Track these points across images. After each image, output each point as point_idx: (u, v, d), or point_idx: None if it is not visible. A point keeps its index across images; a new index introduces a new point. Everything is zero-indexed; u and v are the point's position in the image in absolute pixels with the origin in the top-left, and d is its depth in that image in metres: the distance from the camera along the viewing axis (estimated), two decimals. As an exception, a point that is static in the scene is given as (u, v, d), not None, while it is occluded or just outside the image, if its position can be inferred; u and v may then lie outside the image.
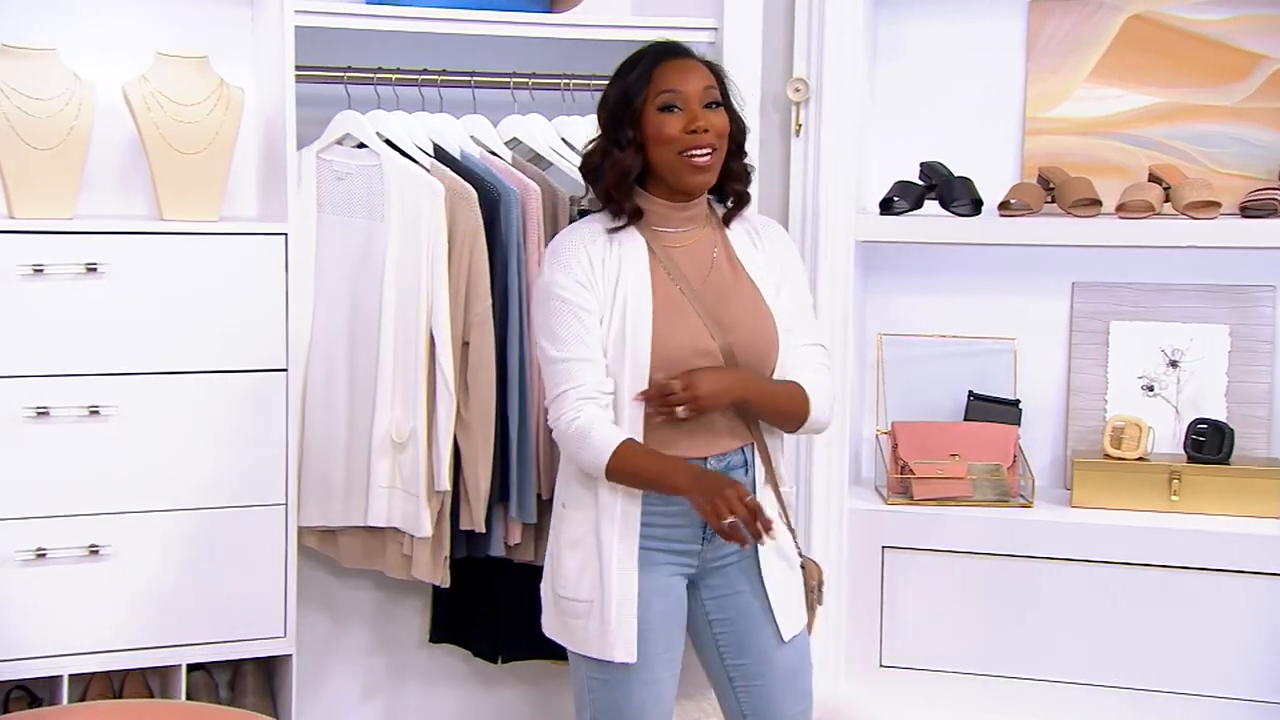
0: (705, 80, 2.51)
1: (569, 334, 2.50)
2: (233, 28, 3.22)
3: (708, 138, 2.47)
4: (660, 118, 2.48)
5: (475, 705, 3.73)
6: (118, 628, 2.94)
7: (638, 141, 2.50)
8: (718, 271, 2.57)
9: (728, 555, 2.58)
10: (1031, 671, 3.42)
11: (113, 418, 2.89)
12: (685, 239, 2.57)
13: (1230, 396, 3.57)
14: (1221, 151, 3.57)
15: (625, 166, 2.51)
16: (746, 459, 2.57)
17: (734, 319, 2.53)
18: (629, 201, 2.54)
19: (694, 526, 2.53)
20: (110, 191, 3.16)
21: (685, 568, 2.59)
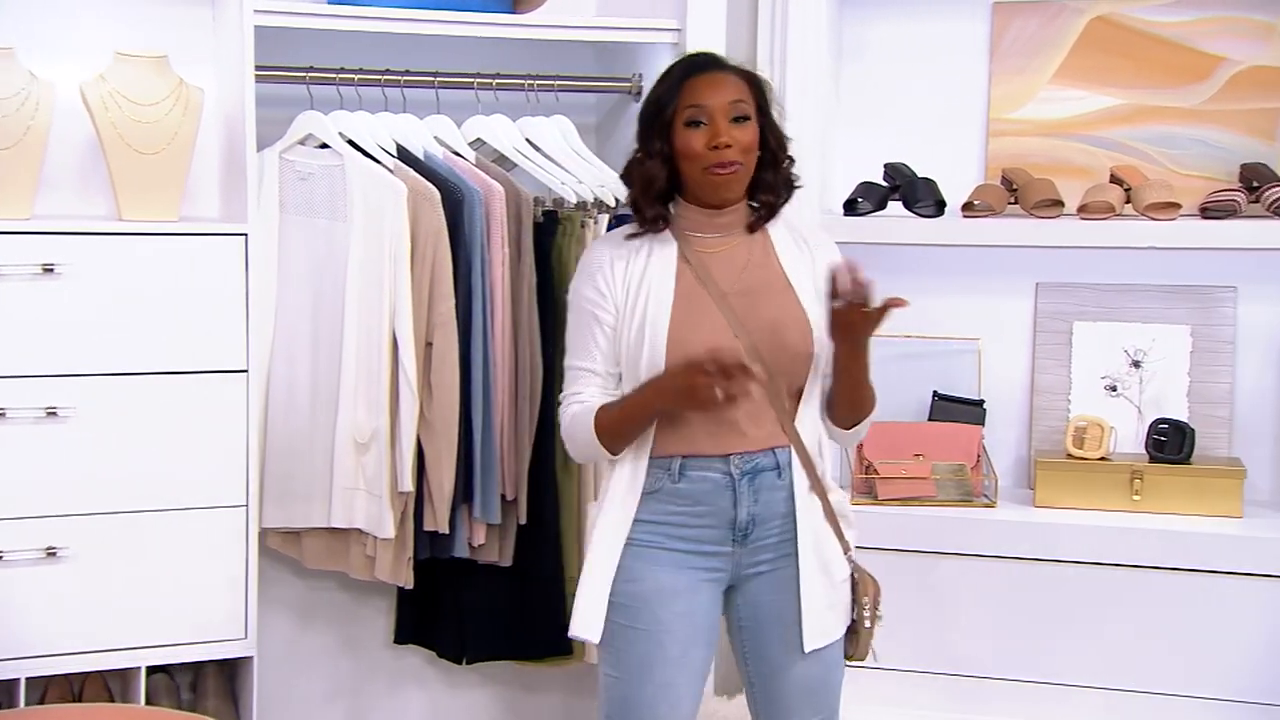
0: (734, 94, 2.48)
1: (578, 343, 2.55)
2: (194, 28, 3.18)
3: (730, 154, 2.45)
4: (686, 133, 2.46)
5: (442, 706, 3.71)
6: (76, 630, 2.90)
7: (665, 153, 2.49)
8: (751, 273, 2.53)
9: (762, 561, 2.53)
10: (994, 671, 3.40)
11: (71, 419, 2.84)
12: (720, 244, 2.54)
13: (1192, 396, 3.56)
14: (1182, 153, 3.55)
15: (651, 176, 2.50)
16: (779, 462, 2.51)
17: (762, 319, 2.48)
18: (652, 210, 2.52)
19: (723, 528, 2.49)
20: (70, 191, 3.12)
21: (717, 572, 2.53)
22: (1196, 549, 3.28)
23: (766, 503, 2.50)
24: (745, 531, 2.51)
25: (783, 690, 2.57)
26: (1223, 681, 3.27)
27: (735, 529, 2.50)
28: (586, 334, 2.53)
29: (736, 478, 2.48)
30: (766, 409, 2.49)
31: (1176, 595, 3.29)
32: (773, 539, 2.52)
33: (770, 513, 2.51)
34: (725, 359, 2.29)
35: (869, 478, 3.48)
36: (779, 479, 2.50)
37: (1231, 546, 3.26)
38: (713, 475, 2.48)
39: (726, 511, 2.49)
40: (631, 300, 2.49)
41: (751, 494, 2.49)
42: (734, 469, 2.48)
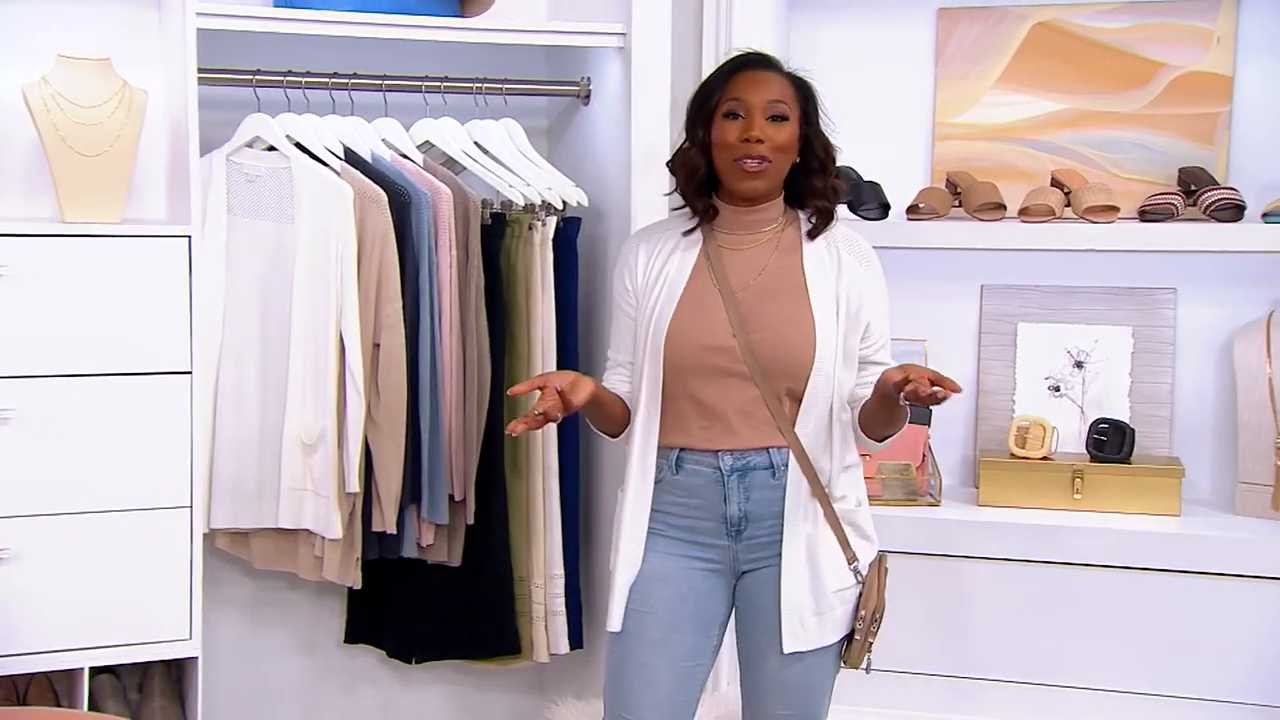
0: (776, 94, 2.48)
1: (614, 335, 2.64)
2: (141, 30, 3.12)
3: (760, 148, 2.44)
4: (723, 124, 2.47)
5: (395, 705, 3.66)
6: (19, 631, 2.83)
7: (705, 143, 2.50)
8: (767, 277, 2.51)
9: (756, 559, 2.52)
10: (935, 668, 3.38)
11: (13, 420, 2.78)
12: (744, 243, 2.53)
13: (1133, 396, 3.55)
14: (1123, 157, 3.55)
15: (693, 165, 2.51)
16: (773, 462, 2.48)
17: (766, 322, 2.47)
18: (701, 201, 2.53)
19: (716, 520, 2.50)
20: (17, 194, 3.07)
21: (715, 563, 2.54)
22: (1135, 547, 3.27)
23: (759, 501, 2.49)
24: (738, 527, 2.50)
25: (761, 684, 2.57)
26: (1160, 677, 3.27)
27: (728, 523, 2.50)
28: (617, 327, 2.62)
29: (725, 473, 2.47)
30: (760, 408, 2.47)
31: (1116, 592, 3.28)
32: (765, 537, 2.50)
33: (765, 511, 2.49)
34: (547, 389, 2.38)
35: (815, 477, 3.44)
36: (773, 479, 2.48)
37: (1169, 544, 3.26)
38: (704, 469, 2.49)
39: (717, 506, 2.49)
40: (647, 292, 2.53)
41: (742, 491, 2.48)
42: (723, 465, 2.47)
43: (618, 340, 2.63)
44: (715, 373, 2.47)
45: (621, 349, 2.62)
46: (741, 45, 3.17)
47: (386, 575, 3.24)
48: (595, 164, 3.34)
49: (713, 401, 2.47)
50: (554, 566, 3.27)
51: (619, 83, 3.20)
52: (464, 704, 3.69)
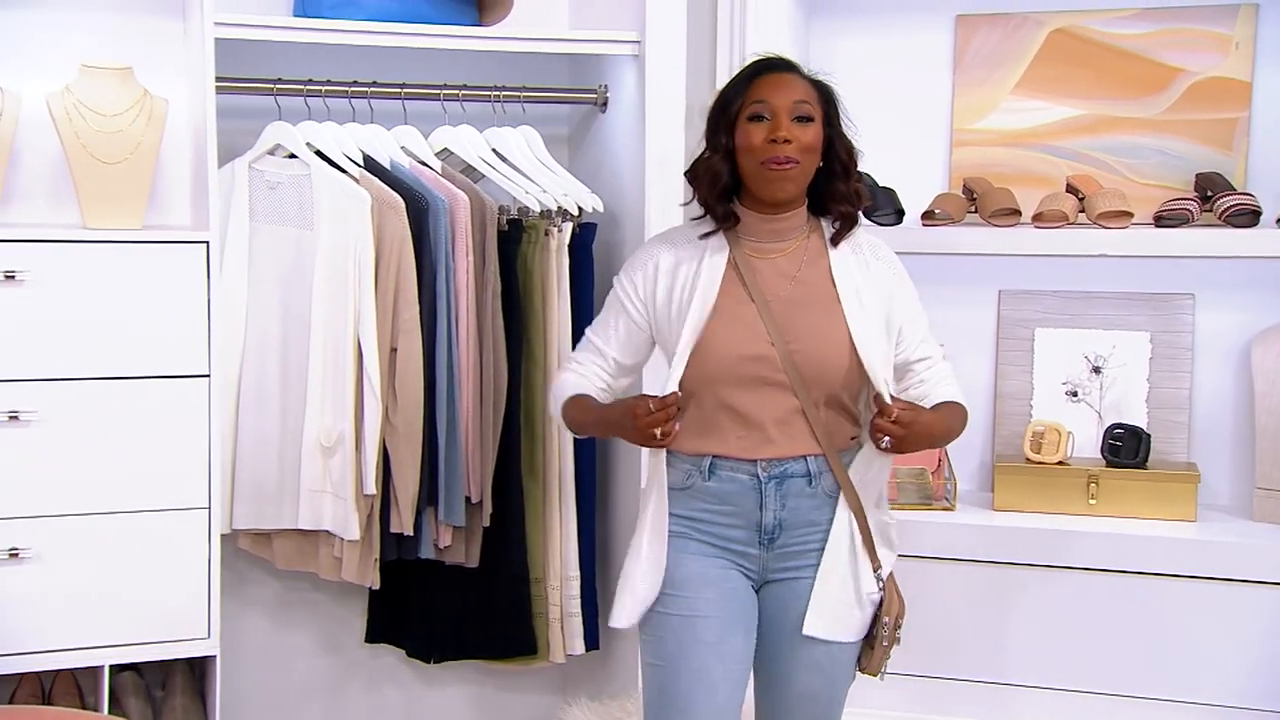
0: (799, 94, 2.40)
1: (601, 322, 2.56)
2: (166, 40, 3.12)
3: (789, 149, 2.36)
4: (748, 127, 2.39)
5: (417, 705, 3.65)
6: (40, 630, 2.84)
7: (729, 149, 2.42)
8: (799, 285, 2.44)
9: (788, 568, 2.45)
10: (951, 671, 3.32)
11: (34, 423, 2.79)
12: (773, 250, 2.46)
13: (1151, 402, 3.48)
14: (1141, 162, 3.48)
15: (716, 172, 2.43)
16: (810, 470, 2.42)
17: (802, 330, 2.40)
18: (722, 207, 2.45)
19: (749, 529, 2.43)
20: (42, 201, 3.07)
21: (746, 569, 2.47)
22: (1150, 552, 3.20)
23: (795, 509, 2.42)
24: (772, 535, 2.43)
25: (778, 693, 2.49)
26: (1175, 682, 3.20)
27: (761, 531, 2.43)
28: (610, 318, 2.54)
29: (763, 480, 2.40)
30: (797, 417, 2.41)
31: (1131, 598, 3.21)
32: (798, 545, 2.44)
33: (799, 519, 2.43)
34: (662, 400, 2.33)
35: (831, 481, 3.40)
36: (809, 486, 2.42)
37: (1185, 550, 3.19)
38: (740, 477, 2.41)
39: (752, 513, 2.42)
40: (675, 301, 2.44)
41: (779, 498, 2.41)
42: (761, 473, 2.40)
43: (606, 331, 2.54)
44: (754, 382, 2.40)
45: (610, 341, 2.54)
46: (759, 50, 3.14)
47: (406, 576, 3.23)
48: (612, 170, 3.31)
49: (750, 410, 2.40)
50: (570, 568, 3.25)
51: (634, 90, 3.17)
52: (486, 704, 3.67)
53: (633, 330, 2.52)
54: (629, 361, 2.55)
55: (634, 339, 2.52)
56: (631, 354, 2.54)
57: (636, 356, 2.55)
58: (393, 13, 3.04)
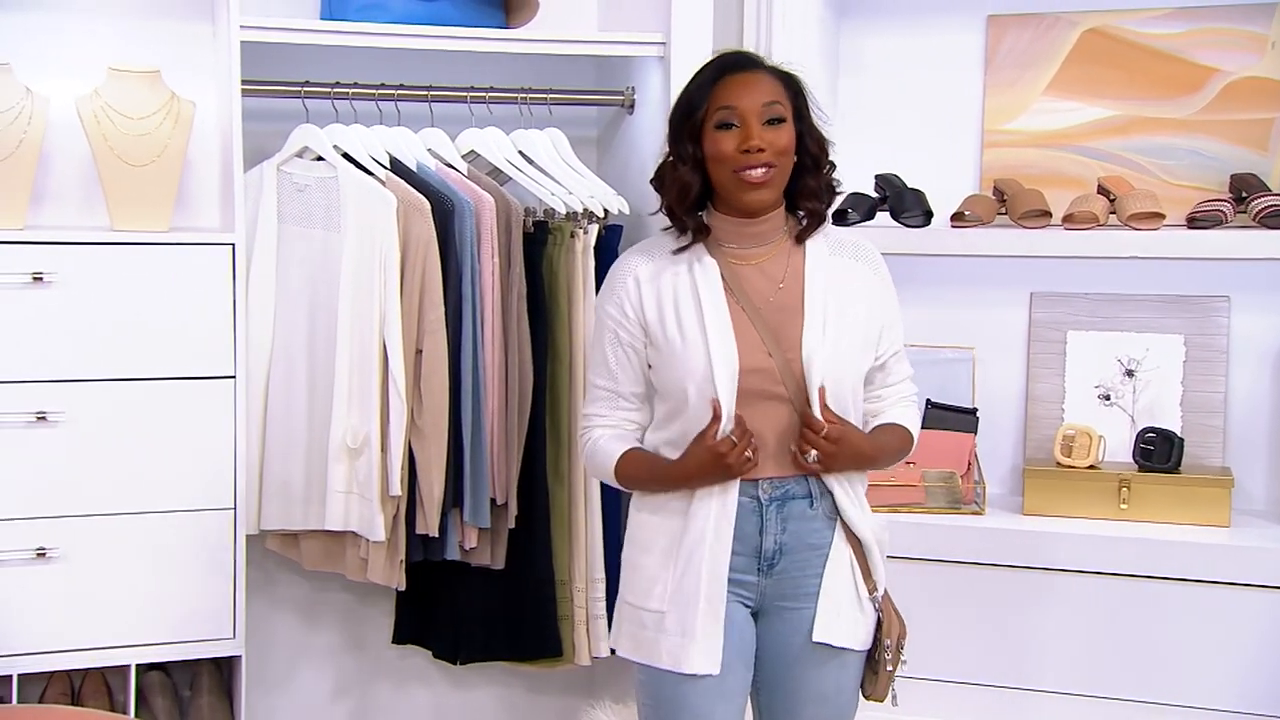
0: (768, 95, 2.27)
1: (597, 360, 2.41)
2: (195, 43, 3.13)
3: (763, 157, 2.24)
4: (716, 135, 2.26)
5: (445, 705, 3.64)
6: (66, 629, 2.86)
7: (697, 157, 2.29)
8: (787, 290, 2.33)
9: (787, 596, 2.34)
10: (979, 677, 3.27)
11: (61, 423, 2.80)
12: (755, 256, 2.34)
13: (1185, 406, 3.41)
14: (1175, 164, 3.41)
15: (685, 183, 2.30)
16: (811, 490, 2.32)
17: (796, 337, 2.29)
18: (691, 219, 2.33)
19: (749, 555, 2.31)
20: (72, 203, 3.09)
21: (744, 598, 2.34)
22: (1183, 558, 3.13)
23: (795, 533, 2.32)
24: (772, 561, 2.32)
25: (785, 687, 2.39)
26: (1208, 691, 3.13)
27: (761, 557, 2.32)
28: (608, 354, 2.38)
29: (765, 503, 2.30)
30: (798, 432, 2.29)
31: (1162, 604, 3.14)
32: (797, 572, 2.34)
33: (799, 543, 2.33)
34: (736, 431, 2.23)
35: (859, 485, 3.36)
36: (811, 508, 2.32)
37: (1218, 556, 3.11)
38: (741, 499, 2.29)
39: (751, 538, 2.30)
40: (665, 319, 2.31)
41: (779, 522, 2.31)
42: (762, 494, 2.30)
43: (606, 366, 2.39)
44: (754, 395, 2.28)
45: (616, 376, 2.38)
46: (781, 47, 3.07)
47: (432, 578, 3.21)
48: (639, 172, 3.27)
49: (753, 427, 2.27)
50: (595, 570, 3.22)
51: (660, 91, 3.14)
52: (514, 705, 3.66)
53: (633, 357, 2.38)
54: (645, 390, 2.41)
55: (638, 365, 2.38)
56: (645, 382, 2.40)
57: (646, 382, 2.42)
58: (418, 16, 3.03)
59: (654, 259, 2.38)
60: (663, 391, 2.36)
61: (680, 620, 2.31)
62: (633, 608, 2.39)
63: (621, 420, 2.41)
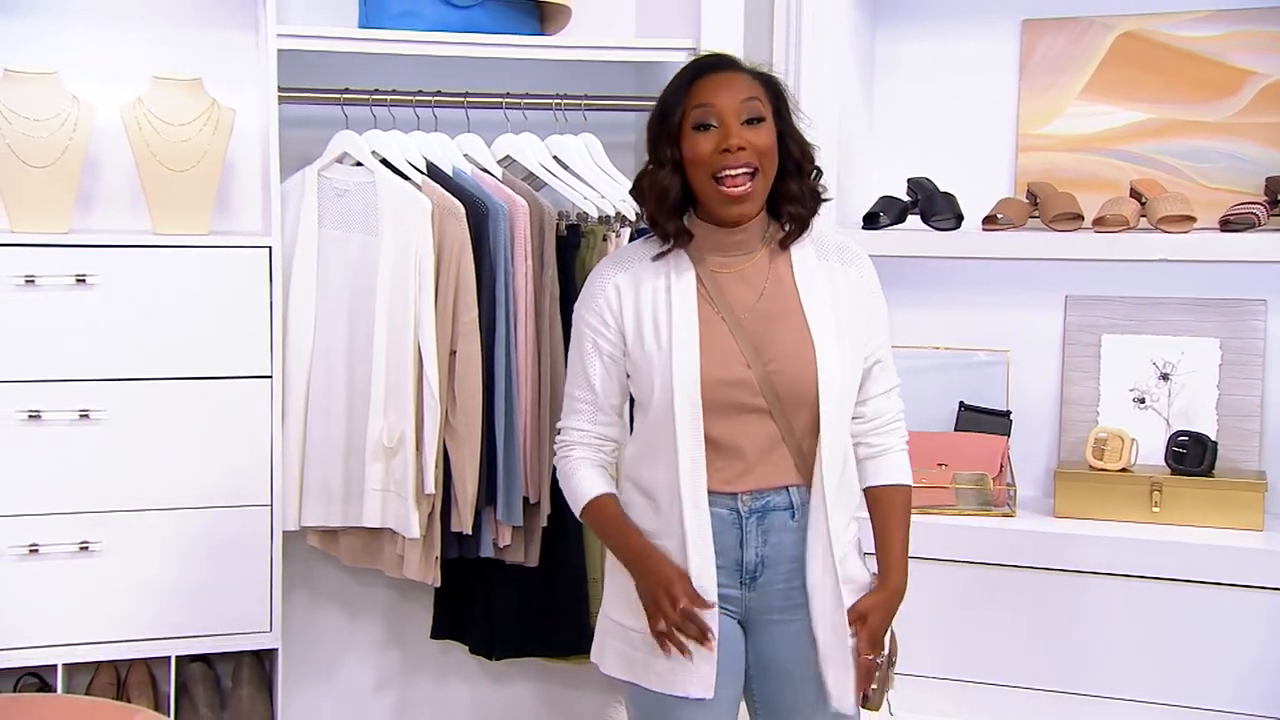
0: (746, 93, 2.15)
1: (575, 371, 2.31)
2: (240, 52, 3.15)
3: (744, 156, 2.12)
4: (695, 137, 2.14)
5: (485, 700, 3.65)
6: (109, 621, 2.89)
7: (676, 160, 2.17)
8: (768, 299, 2.23)
9: (773, 609, 2.26)
10: (1010, 679, 3.21)
11: (103, 421, 2.83)
12: (737, 264, 2.24)
13: (1221, 409, 3.34)
14: (1212, 167, 3.35)
15: (663, 187, 2.19)
16: (792, 501, 2.22)
17: (777, 348, 2.19)
18: (672, 224, 2.22)
19: (730, 568, 2.22)
20: (122, 208, 3.12)
21: (729, 611, 2.25)
22: (1215, 562, 3.06)
23: (777, 545, 2.23)
24: (754, 574, 2.24)
25: None
26: (1240, 695, 3.06)
27: (743, 570, 2.23)
28: (584, 362, 2.28)
29: (744, 515, 2.21)
30: (779, 444, 2.21)
31: (1194, 608, 3.08)
32: (781, 584, 2.25)
33: (780, 555, 2.23)
34: (697, 619, 2.15)
35: (891, 486, 3.32)
36: (792, 520, 2.23)
37: (1251, 560, 3.04)
38: (720, 511, 2.20)
39: (732, 551, 2.22)
40: (642, 327, 2.22)
41: (760, 534, 2.22)
42: (741, 506, 2.21)
43: (585, 377, 2.28)
44: (731, 408, 2.18)
45: (593, 386, 2.27)
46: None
47: (469, 574, 3.22)
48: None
49: (730, 439, 2.18)
50: (627, 569, 3.20)
51: (691, 97, 3.12)
52: (552, 700, 3.66)
53: (612, 368, 2.27)
54: (622, 402, 2.32)
55: (618, 376, 2.28)
56: (623, 393, 2.31)
57: (626, 393, 2.33)
58: (452, 24, 3.04)
59: (631, 268, 2.28)
60: (640, 403, 2.29)
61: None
62: (620, 626, 2.31)
63: (599, 438, 2.32)
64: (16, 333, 2.78)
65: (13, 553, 2.81)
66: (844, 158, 3.30)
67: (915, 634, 3.19)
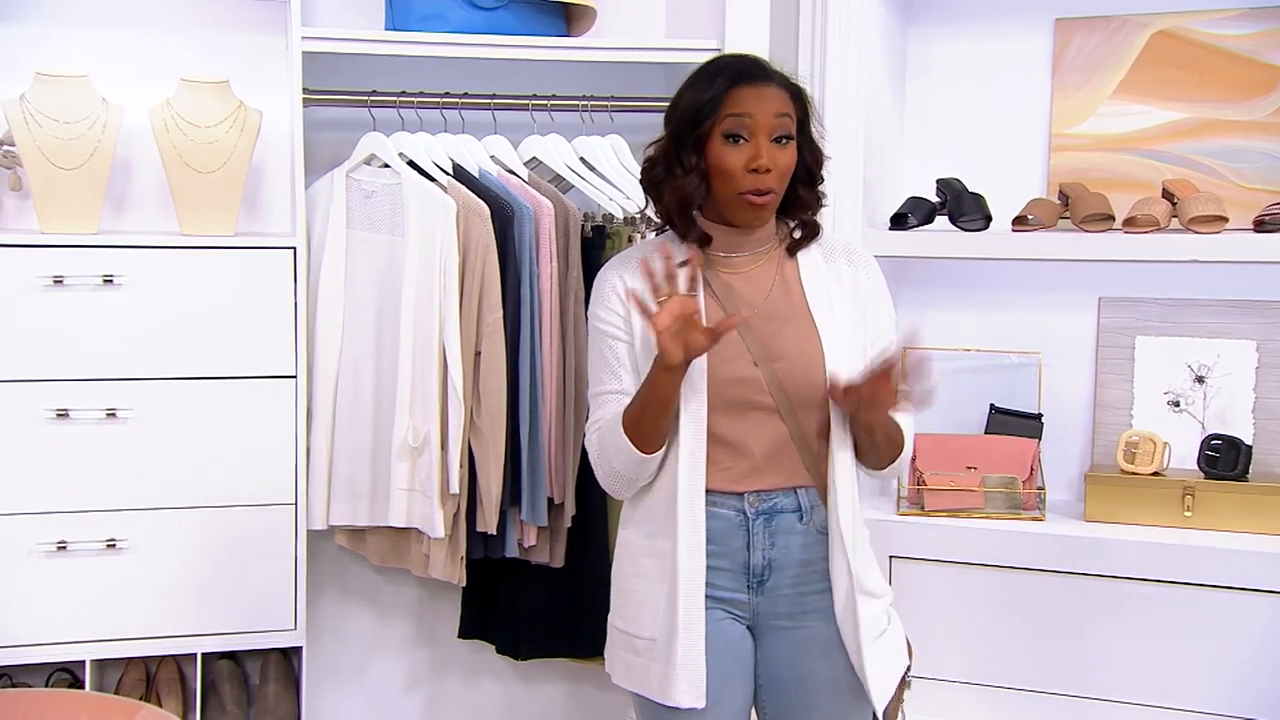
0: (780, 109, 2.14)
1: (600, 367, 2.26)
2: (270, 54, 3.16)
3: (769, 179, 2.12)
4: (724, 150, 2.12)
5: (515, 700, 3.64)
6: (135, 617, 2.91)
7: (701, 168, 2.15)
8: (775, 299, 2.21)
9: (781, 614, 2.22)
10: (1037, 684, 3.17)
11: (130, 420, 2.85)
12: (746, 264, 2.23)
13: (1258, 412, 3.28)
14: (1248, 166, 3.29)
15: (687, 193, 2.17)
16: (801, 504, 2.19)
17: (784, 348, 2.17)
18: (694, 229, 2.21)
19: (736, 570, 2.20)
20: (153, 209, 3.13)
21: (738, 616, 2.23)
22: (1248, 567, 3.01)
23: (785, 548, 2.20)
24: (761, 578, 2.21)
25: None
26: (1273, 702, 2.99)
27: (750, 574, 2.20)
28: (608, 356, 2.23)
29: (751, 517, 2.18)
30: (788, 444, 2.18)
31: (1227, 613, 3.03)
32: (789, 589, 2.22)
33: (789, 559, 2.20)
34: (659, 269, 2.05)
35: (919, 488, 3.28)
36: (800, 522, 2.20)
37: (1283, 566, 2.98)
38: (725, 513, 2.18)
39: (739, 553, 2.19)
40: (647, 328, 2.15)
41: (767, 537, 2.19)
42: (748, 508, 2.18)
43: (611, 370, 2.23)
44: (738, 406, 2.16)
45: (621, 377, 2.22)
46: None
47: (495, 574, 3.21)
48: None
49: (736, 438, 2.16)
50: (651, 571, 3.19)
51: (716, 97, 3.10)
52: (582, 700, 3.64)
53: (629, 359, 2.23)
54: None
55: (634, 366, 2.23)
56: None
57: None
58: (477, 26, 3.04)
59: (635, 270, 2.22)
60: None
61: (666, 648, 2.19)
62: (623, 634, 2.30)
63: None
64: (45, 332, 2.81)
65: (41, 549, 2.83)
66: (873, 158, 3.27)
67: (942, 638, 3.19)
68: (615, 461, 2.18)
